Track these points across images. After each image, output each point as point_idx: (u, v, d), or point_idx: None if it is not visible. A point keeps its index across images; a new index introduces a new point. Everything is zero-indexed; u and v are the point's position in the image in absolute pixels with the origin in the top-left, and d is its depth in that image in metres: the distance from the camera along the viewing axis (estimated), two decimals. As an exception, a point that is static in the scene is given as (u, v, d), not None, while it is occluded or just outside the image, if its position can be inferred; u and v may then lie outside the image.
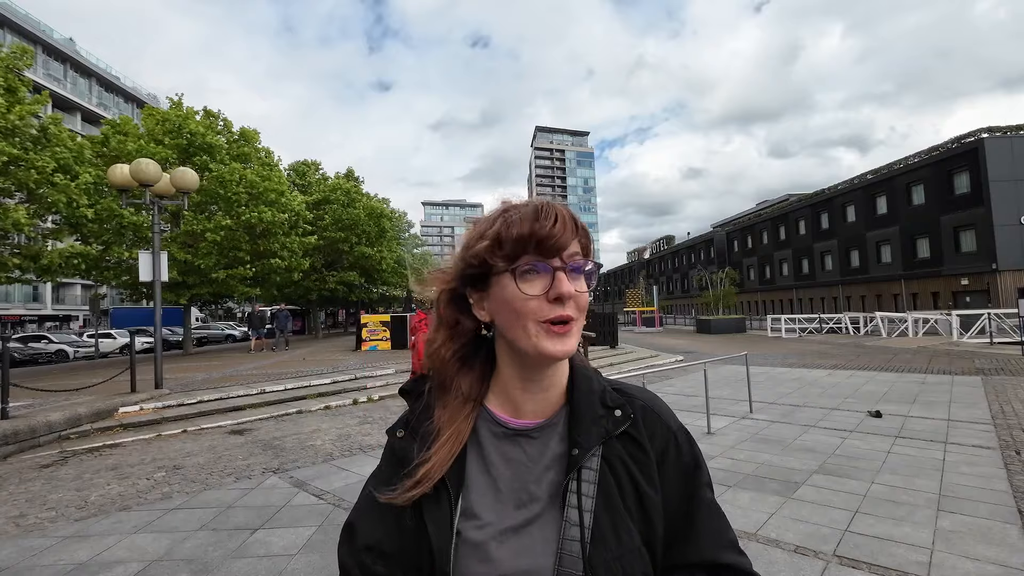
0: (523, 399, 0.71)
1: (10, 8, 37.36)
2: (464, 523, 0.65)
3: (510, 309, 0.65)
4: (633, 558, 0.62)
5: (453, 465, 0.67)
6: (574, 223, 0.67)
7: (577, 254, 0.66)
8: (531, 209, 0.66)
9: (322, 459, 5.48)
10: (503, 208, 0.70)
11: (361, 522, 0.70)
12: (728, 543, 0.69)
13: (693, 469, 0.71)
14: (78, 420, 6.93)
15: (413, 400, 0.76)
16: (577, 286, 0.66)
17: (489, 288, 0.68)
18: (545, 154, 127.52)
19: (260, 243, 18.46)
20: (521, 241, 0.64)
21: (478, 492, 0.67)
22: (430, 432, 0.69)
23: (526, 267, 0.64)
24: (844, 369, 11.70)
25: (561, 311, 0.64)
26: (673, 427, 0.73)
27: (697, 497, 0.70)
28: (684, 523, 0.68)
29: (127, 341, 16.87)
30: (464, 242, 0.71)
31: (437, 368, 0.73)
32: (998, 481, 4.16)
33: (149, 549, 3.39)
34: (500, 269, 0.66)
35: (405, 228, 37.79)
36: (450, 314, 0.73)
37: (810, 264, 39.61)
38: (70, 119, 40.30)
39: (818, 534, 3.30)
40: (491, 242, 0.66)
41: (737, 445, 5.50)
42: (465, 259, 0.70)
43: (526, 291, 0.64)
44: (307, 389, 9.44)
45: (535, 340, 0.64)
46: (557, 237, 0.64)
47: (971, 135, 27.37)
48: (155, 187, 8.88)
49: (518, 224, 0.65)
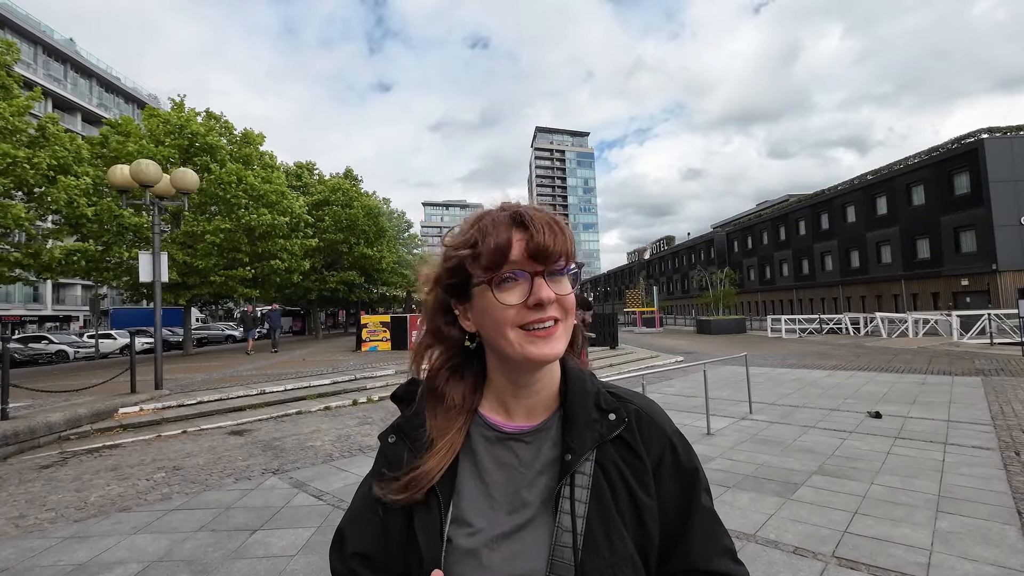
0: (515, 404, 0.70)
1: (10, 8, 37.39)
2: (455, 531, 0.64)
3: (491, 319, 0.65)
4: (626, 565, 0.62)
5: (444, 474, 0.66)
6: (555, 226, 0.65)
7: (559, 256, 0.65)
8: (506, 216, 0.65)
9: (322, 460, 5.48)
10: (477, 216, 0.69)
11: (351, 529, 0.70)
12: (723, 550, 0.69)
13: (690, 476, 0.70)
14: (78, 421, 6.93)
15: (405, 406, 0.75)
16: (559, 289, 0.65)
17: (471, 299, 0.67)
18: (545, 154, 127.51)
19: (260, 245, 18.47)
20: (498, 250, 0.63)
21: (470, 499, 0.67)
22: (422, 440, 0.69)
23: (504, 275, 0.63)
24: (844, 370, 11.69)
25: (542, 315, 0.63)
26: (669, 432, 0.72)
27: (694, 504, 0.69)
28: (680, 530, 0.68)
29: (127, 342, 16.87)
30: (443, 253, 0.71)
31: (427, 376, 0.73)
32: (997, 482, 4.16)
33: (149, 550, 3.39)
34: (479, 279, 0.65)
35: (404, 228, 37.76)
36: (436, 324, 0.73)
37: (810, 264, 39.61)
38: (71, 119, 40.35)
39: (817, 535, 3.30)
40: (467, 253, 0.66)
41: (737, 446, 5.50)
42: (444, 272, 0.69)
43: (505, 300, 0.63)
44: (307, 390, 9.44)
45: (519, 347, 0.64)
46: (539, 244, 0.63)
47: (971, 135, 27.38)
48: (155, 188, 8.89)
49: (493, 233, 0.64)
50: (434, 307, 0.73)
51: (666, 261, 70.74)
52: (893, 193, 31.61)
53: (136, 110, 48.15)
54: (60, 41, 42.22)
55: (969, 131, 28.00)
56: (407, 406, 0.75)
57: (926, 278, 29.14)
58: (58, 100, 40.35)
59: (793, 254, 41.67)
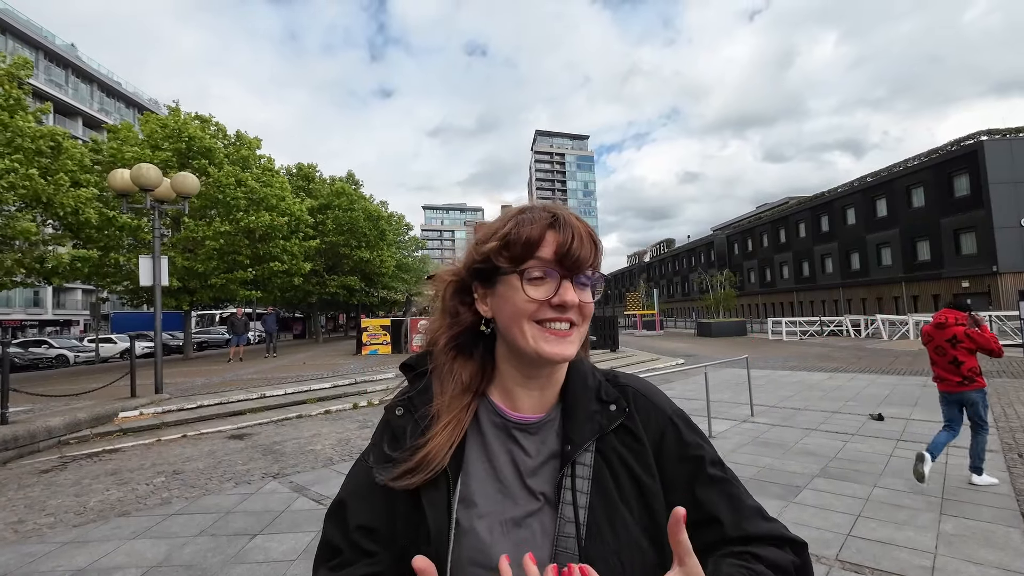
0: (521, 395, 0.71)
1: (11, 13, 37.54)
2: (463, 511, 0.65)
3: (512, 309, 0.66)
4: (632, 552, 0.62)
5: (452, 450, 0.66)
6: (591, 239, 0.67)
7: (587, 266, 0.66)
8: (545, 215, 0.67)
9: (322, 464, 5.46)
10: (519, 209, 0.70)
11: (353, 500, 0.69)
12: (751, 512, 0.67)
13: (694, 451, 0.70)
14: (78, 425, 6.92)
15: (414, 376, 0.75)
16: (583, 296, 0.67)
17: (495, 286, 0.68)
18: (545, 158, 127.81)
19: (259, 247, 18.48)
20: (529, 244, 0.65)
21: (478, 480, 0.67)
22: (429, 415, 0.69)
23: (535, 271, 0.65)
24: (845, 372, 11.67)
25: (561, 315, 0.65)
26: (668, 412, 0.72)
27: (703, 478, 0.68)
28: (696, 506, 0.66)
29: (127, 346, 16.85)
30: (478, 236, 0.72)
31: (436, 352, 0.73)
32: (1001, 485, 4.14)
33: (148, 555, 3.38)
34: (506, 270, 0.66)
35: (403, 231, 37.81)
36: (453, 304, 0.74)
37: (810, 267, 39.60)
38: (71, 124, 40.46)
39: (820, 538, 3.28)
40: (499, 243, 0.67)
41: (738, 449, 5.48)
42: (475, 253, 0.70)
43: (531, 295, 0.64)
44: (307, 393, 9.42)
45: (533, 343, 0.64)
46: (572, 250, 0.65)
47: (970, 137, 27.44)
48: (155, 192, 8.90)
49: (529, 227, 0.65)
50: (457, 283, 0.74)
51: (666, 264, 70.77)
52: (893, 195, 31.63)
53: (137, 115, 48.24)
54: (61, 46, 42.37)
55: (968, 133, 28.07)
56: (416, 378, 0.75)
57: (927, 280, 29.12)
58: (59, 105, 40.45)
59: (793, 256, 41.67)
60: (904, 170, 31.13)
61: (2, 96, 12.52)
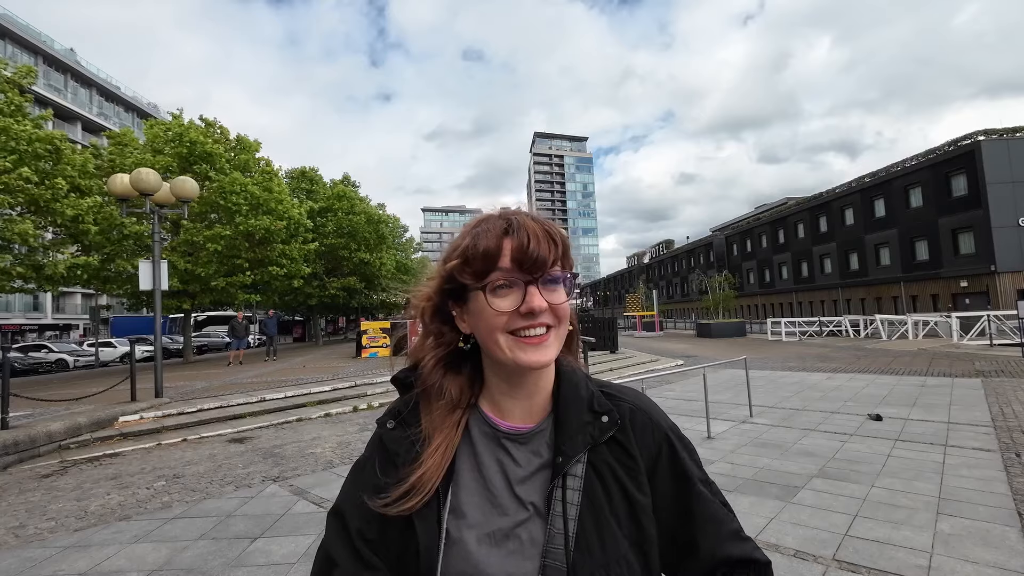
0: (510, 404, 0.71)
1: (10, 19, 37.61)
2: (452, 521, 0.65)
3: (485, 324, 0.65)
4: (619, 565, 0.62)
5: (444, 472, 0.67)
6: (547, 235, 0.66)
7: (551, 264, 0.65)
8: (500, 223, 0.66)
9: (322, 467, 5.47)
10: (476, 221, 0.70)
11: (351, 510, 0.69)
12: (729, 535, 0.69)
13: (686, 469, 0.71)
14: (78, 429, 6.92)
15: (405, 390, 0.75)
16: (553, 297, 0.66)
17: (468, 302, 0.68)
18: (544, 160, 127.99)
19: (259, 251, 18.49)
20: (488, 257, 0.64)
21: (467, 490, 0.67)
22: (421, 434, 0.69)
23: (498, 283, 0.64)
24: (844, 372, 11.68)
25: (533, 321, 0.64)
26: (665, 427, 0.72)
27: (691, 497, 0.69)
28: (684, 526, 0.68)
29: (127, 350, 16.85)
30: (444, 255, 0.72)
31: (423, 373, 0.73)
32: (998, 484, 4.16)
33: (149, 559, 3.39)
34: (474, 285, 0.66)
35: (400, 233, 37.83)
36: (435, 326, 0.74)
37: (809, 267, 39.66)
38: (71, 128, 40.49)
39: (818, 538, 3.30)
40: (460, 260, 0.67)
41: (737, 449, 5.50)
42: (443, 272, 0.70)
43: (497, 307, 0.64)
44: (307, 397, 9.42)
45: (510, 353, 0.64)
46: (529, 253, 0.63)
47: (968, 138, 27.52)
48: (155, 196, 8.92)
49: (484, 240, 0.65)
50: (433, 307, 0.73)
51: (665, 265, 70.80)
52: (891, 195, 31.70)
53: (136, 119, 48.38)
54: (60, 51, 42.45)
55: (965, 133, 28.16)
56: (407, 391, 0.75)
57: (925, 280, 29.16)
58: (59, 109, 40.50)
59: (792, 257, 41.72)
60: (902, 170, 31.21)
61: (4, 103, 12.56)
